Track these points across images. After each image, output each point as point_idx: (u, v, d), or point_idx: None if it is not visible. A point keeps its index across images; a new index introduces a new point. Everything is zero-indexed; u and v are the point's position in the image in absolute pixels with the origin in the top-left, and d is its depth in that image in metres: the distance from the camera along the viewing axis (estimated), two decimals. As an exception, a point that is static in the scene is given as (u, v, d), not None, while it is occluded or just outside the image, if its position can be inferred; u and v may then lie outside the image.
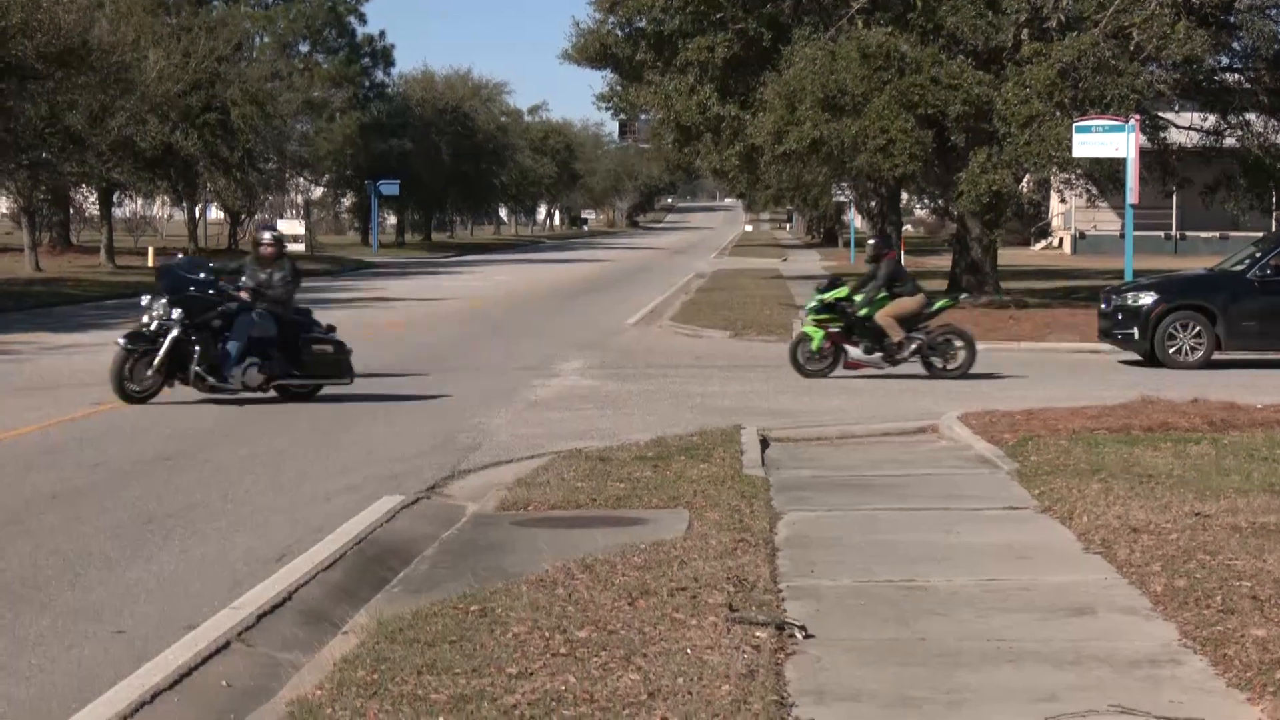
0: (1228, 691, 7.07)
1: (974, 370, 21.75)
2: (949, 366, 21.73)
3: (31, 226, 56.82)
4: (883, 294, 21.73)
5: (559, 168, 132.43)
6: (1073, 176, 38.36)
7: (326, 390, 18.90)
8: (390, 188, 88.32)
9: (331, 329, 19.07)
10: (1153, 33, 32.32)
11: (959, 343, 21.95)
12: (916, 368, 21.76)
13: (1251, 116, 38.68)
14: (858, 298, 21.84)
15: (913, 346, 21.68)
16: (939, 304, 22.54)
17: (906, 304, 21.80)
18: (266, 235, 19.73)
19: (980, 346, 24.38)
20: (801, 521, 11.14)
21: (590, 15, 40.71)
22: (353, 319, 35.01)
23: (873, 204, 63.10)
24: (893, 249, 23.35)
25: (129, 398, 17.97)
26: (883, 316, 21.56)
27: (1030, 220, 79.03)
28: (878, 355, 21.73)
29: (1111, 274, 39.92)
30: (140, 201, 74.38)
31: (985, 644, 7.87)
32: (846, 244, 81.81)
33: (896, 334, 21.53)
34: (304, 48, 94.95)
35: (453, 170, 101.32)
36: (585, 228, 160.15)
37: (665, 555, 9.62)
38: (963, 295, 31.28)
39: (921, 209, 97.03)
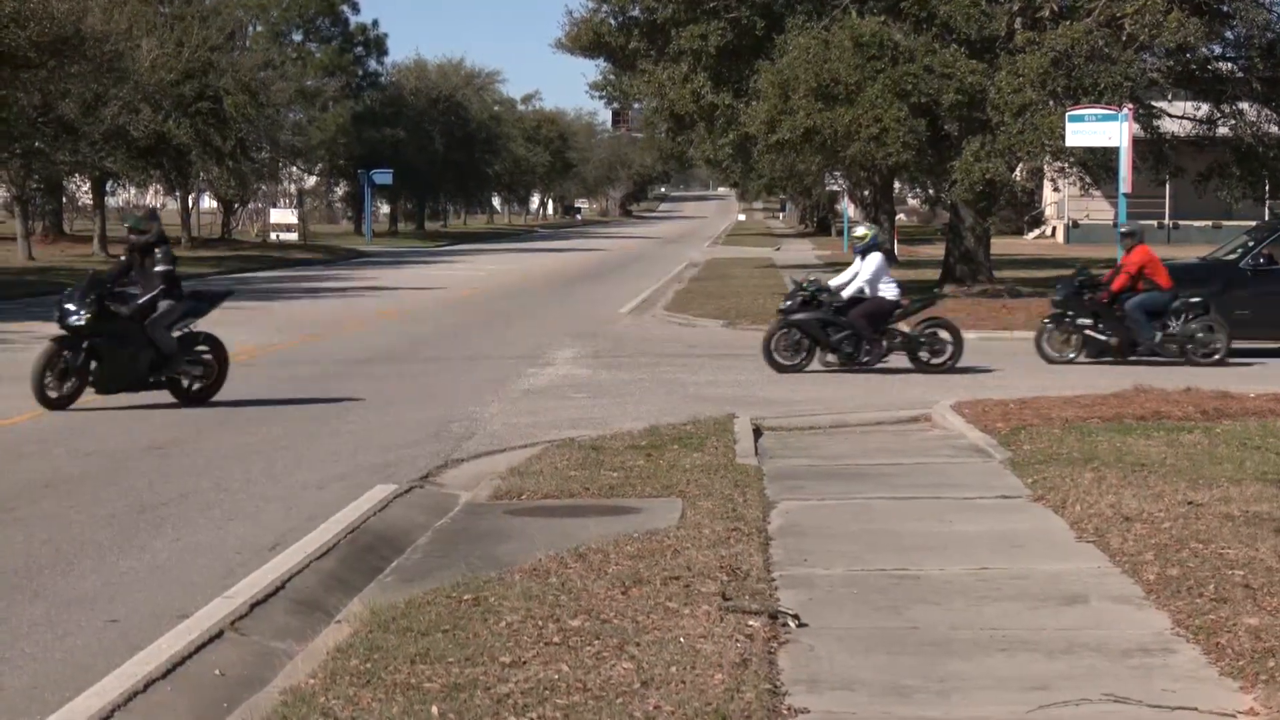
0: (1220, 680, 7.07)
1: (965, 359, 21.72)
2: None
3: (24, 215, 56.82)
4: None
5: (552, 157, 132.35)
6: (1066, 165, 38.34)
7: (323, 382, 18.85)
8: (383, 177, 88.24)
9: None
10: (1145, 21, 32.32)
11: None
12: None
13: (1244, 105, 38.63)
14: None
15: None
16: None
17: None
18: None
19: (973, 335, 24.43)
20: (795, 510, 11.14)
21: (583, 4, 40.72)
22: (347, 308, 35.03)
23: (866, 193, 63.06)
24: None
25: None
26: None
27: (1024, 209, 79.12)
28: None
29: (1105, 263, 39.83)
30: (133, 191, 74.19)
31: (978, 633, 7.87)
32: (839, 233, 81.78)
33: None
34: (297, 37, 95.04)
35: (446, 159, 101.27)
36: (578, 217, 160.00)
37: (658, 544, 9.62)
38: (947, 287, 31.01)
39: (914, 198, 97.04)
